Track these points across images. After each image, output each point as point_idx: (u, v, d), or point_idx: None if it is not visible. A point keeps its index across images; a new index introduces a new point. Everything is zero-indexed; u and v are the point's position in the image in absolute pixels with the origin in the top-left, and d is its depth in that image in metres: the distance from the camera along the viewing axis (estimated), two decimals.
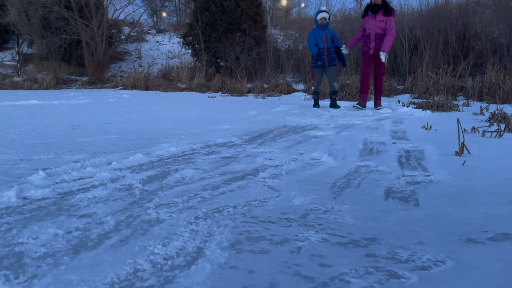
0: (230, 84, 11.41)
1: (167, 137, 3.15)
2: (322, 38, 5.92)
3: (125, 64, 18.08)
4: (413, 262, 1.03)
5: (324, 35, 5.90)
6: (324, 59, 5.94)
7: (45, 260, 1.04)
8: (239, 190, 1.70)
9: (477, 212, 1.39)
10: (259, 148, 2.71)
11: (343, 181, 1.84)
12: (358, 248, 1.12)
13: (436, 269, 0.99)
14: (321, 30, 5.93)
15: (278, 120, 4.42)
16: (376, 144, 2.86)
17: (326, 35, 5.91)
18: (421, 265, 1.02)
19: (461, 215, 1.37)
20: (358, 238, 1.19)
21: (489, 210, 1.41)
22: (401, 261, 1.03)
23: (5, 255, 1.07)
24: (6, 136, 3.10)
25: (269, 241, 1.17)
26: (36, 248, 1.11)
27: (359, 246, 1.13)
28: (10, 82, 13.62)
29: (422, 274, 0.97)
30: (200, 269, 0.99)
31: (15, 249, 1.10)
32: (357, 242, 1.16)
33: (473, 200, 1.53)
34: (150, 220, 1.33)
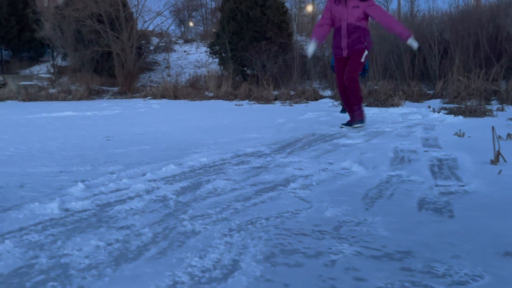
0: (256, 92, 11.48)
1: (197, 147, 3.21)
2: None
3: (154, 74, 18.50)
4: (450, 276, 1.02)
5: None
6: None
7: (89, 272, 1.09)
8: (271, 202, 1.72)
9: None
10: (288, 157, 2.73)
11: (375, 192, 1.83)
12: (392, 262, 1.12)
13: (474, 284, 0.98)
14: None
15: (306, 128, 4.43)
16: (407, 152, 2.82)
17: None
18: (458, 280, 1.01)
19: (498, 227, 1.35)
20: (393, 251, 1.18)
21: None
22: (438, 276, 1.03)
23: (51, 266, 1.12)
24: (45, 148, 3.24)
25: (303, 254, 1.18)
26: (80, 260, 1.16)
27: (393, 259, 1.13)
28: (45, 94, 14.17)
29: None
30: (237, 282, 1.02)
31: (60, 260, 1.16)
32: (392, 255, 1.16)
33: (510, 211, 1.50)
34: (186, 232, 1.37)
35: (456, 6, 12.06)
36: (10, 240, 1.29)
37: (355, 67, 4.08)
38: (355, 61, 4.08)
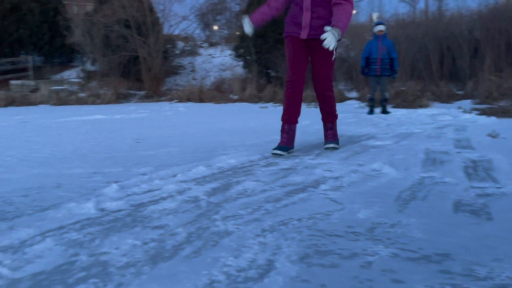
0: (281, 94, 11.45)
1: (225, 149, 3.24)
2: (377, 49, 6.18)
3: (179, 77, 18.74)
4: (492, 279, 1.00)
5: (380, 46, 6.15)
6: (376, 69, 6.18)
7: (127, 270, 1.11)
8: (302, 203, 1.72)
9: None
10: (317, 159, 2.72)
11: (407, 193, 1.80)
12: (431, 264, 1.10)
13: None
14: (377, 41, 6.21)
15: None
16: (439, 153, 2.76)
17: (381, 46, 6.14)
18: (500, 283, 0.98)
19: None
20: (430, 254, 1.16)
21: None
22: (479, 279, 1.00)
23: (91, 264, 1.15)
24: (78, 150, 3.33)
25: (338, 255, 1.17)
26: (118, 258, 1.19)
27: (431, 261, 1.11)
28: (75, 98, 14.57)
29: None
30: (273, 282, 1.02)
31: (99, 258, 1.19)
32: (429, 257, 1.14)
33: None
34: (219, 232, 1.39)
35: (486, 4, 11.73)
36: (51, 238, 1.34)
37: (329, 69, 2.92)
38: (327, 60, 2.86)
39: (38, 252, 1.24)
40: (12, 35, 17.12)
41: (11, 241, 1.33)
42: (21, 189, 2.02)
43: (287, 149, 2.99)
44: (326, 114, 3.17)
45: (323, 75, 2.94)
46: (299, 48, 2.89)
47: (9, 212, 1.65)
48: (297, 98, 3.02)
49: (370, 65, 6.24)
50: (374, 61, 6.21)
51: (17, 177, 2.31)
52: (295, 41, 2.89)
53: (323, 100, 3.08)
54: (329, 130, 3.20)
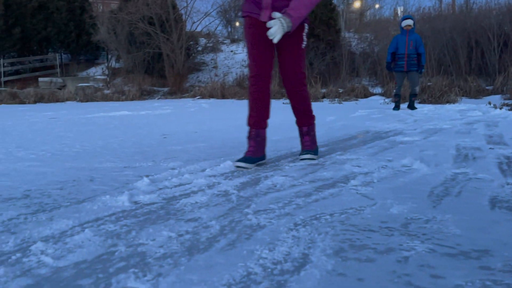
0: None
1: None
2: (404, 44, 6.02)
3: (202, 74, 18.88)
4: None
5: (407, 41, 5.96)
6: (403, 65, 6.03)
7: (165, 260, 1.13)
8: (332, 198, 1.71)
9: None
10: (345, 154, 2.70)
11: (440, 189, 1.77)
12: (470, 260, 1.08)
13: None
14: (405, 36, 6.05)
15: (359, 126, 4.35)
16: (471, 149, 2.70)
17: (409, 41, 5.97)
18: None
19: None
20: (468, 250, 1.14)
21: None
22: None
23: (130, 255, 1.18)
24: (107, 145, 3.41)
25: (373, 250, 1.17)
26: (155, 249, 1.21)
27: (470, 258, 1.09)
28: (101, 95, 14.87)
29: None
30: (310, 275, 1.02)
31: (137, 249, 1.22)
32: (468, 253, 1.12)
33: None
34: (252, 225, 1.40)
35: None
36: (89, 229, 1.38)
37: (299, 59, 2.38)
38: (295, 49, 2.35)
39: (78, 242, 1.28)
40: (40, 33, 17.57)
41: (52, 232, 1.37)
42: (57, 182, 2.08)
43: (254, 160, 2.38)
44: (300, 115, 2.57)
45: (292, 66, 2.37)
46: (262, 32, 2.26)
47: (47, 204, 1.70)
48: (264, 96, 2.43)
49: (397, 61, 6.10)
50: (401, 57, 6.07)
51: (52, 171, 2.38)
52: (255, 24, 2.31)
53: (294, 98, 2.49)
54: (306, 135, 2.58)
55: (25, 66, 17.53)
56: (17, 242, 1.28)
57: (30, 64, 17.74)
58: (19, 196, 1.83)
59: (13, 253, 1.19)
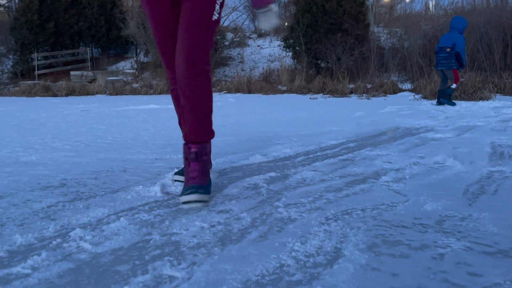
0: (331, 85, 11.29)
1: (278, 139, 3.25)
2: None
3: (228, 69, 18.95)
4: None
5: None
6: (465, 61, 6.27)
7: (199, 250, 1.15)
8: (364, 193, 1.70)
9: None
10: (375, 150, 2.66)
11: (476, 187, 1.73)
12: (509, 259, 1.05)
13: None
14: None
15: (388, 122, 4.28)
16: (507, 147, 2.62)
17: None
18: None
19: None
20: (507, 248, 1.11)
21: None
22: None
23: (164, 243, 1.21)
24: (138, 137, 3.48)
25: (407, 246, 1.15)
26: (189, 239, 1.24)
27: (509, 256, 1.07)
28: (130, 88, 15.15)
29: None
30: (343, 269, 1.02)
31: (171, 238, 1.25)
32: (507, 252, 1.09)
33: None
34: (283, 218, 1.40)
35: None
36: (124, 218, 1.41)
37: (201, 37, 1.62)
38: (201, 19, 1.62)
39: (115, 230, 1.31)
40: (72, 28, 18.02)
41: (89, 219, 1.42)
42: (91, 172, 2.15)
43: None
44: (189, 123, 1.67)
45: (190, 46, 1.58)
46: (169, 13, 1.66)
47: (83, 193, 1.76)
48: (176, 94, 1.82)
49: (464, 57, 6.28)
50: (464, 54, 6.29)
51: (87, 161, 2.45)
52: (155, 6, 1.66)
53: (185, 91, 1.62)
54: (193, 161, 1.66)
55: (57, 59, 18.03)
56: (57, 228, 1.33)
57: (63, 58, 18.24)
58: (57, 184, 1.90)
59: (54, 239, 1.24)
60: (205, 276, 1.00)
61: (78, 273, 1.02)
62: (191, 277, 0.99)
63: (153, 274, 1.01)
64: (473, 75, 8.81)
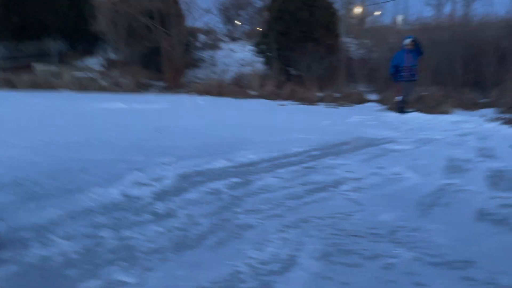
0: (300, 93, 11.42)
1: (245, 144, 3.25)
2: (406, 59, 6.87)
3: (199, 70, 18.82)
4: None
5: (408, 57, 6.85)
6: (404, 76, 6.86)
7: (153, 255, 1.14)
8: (323, 202, 1.73)
9: None
10: (337, 159, 2.71)
11: (429, 199, 1.79)
12: (454, 270, 1.10)
13: None
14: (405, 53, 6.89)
15: (353, 131, 4.37)
16: (462, 161, 2.73)
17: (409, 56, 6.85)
18: None
19: None
20: (453, 260, 1.16)
21: None
22: (502, 287, 1.00)
23: (118, 247, 1.19)
24: (101, 137, 3.39)
25: (359, 255, 1.18)
26: (144, 243, 1.22)
27: (455, 268, 1.11)
28: (97, 86, 14.78)
29: None
30: (296, 277, 1.04)
31: (126, 242, 1.23)
32: (453, 263, 1.14)
33: None
34: (242, 225, 1.41)
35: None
36: (79, 220, 1.38)
37: None
38: None
39: (68, 232, 1.28)
40: (39, 20, 17.43)
41: (42, 220, 1.37)
42: (49, 171, 2.08)
43: None
44: None
45: None
46: None
47: (38, 193, 1.70)
48: None
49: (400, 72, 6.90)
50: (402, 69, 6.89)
51: (45, 160, 2.37)
52: None
53: None
54: None
55: (22, 53, 17.38)
56: (6, 229, 1.28)
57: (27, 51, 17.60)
58: (11, 183, 1.83)
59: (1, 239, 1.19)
60: (157, 282, 0.99)
61: (25, 277, 0.99)
62: (143, 283, 0.98)
63: (104, 279, 0.99)
64: (435, 89, 9.15)
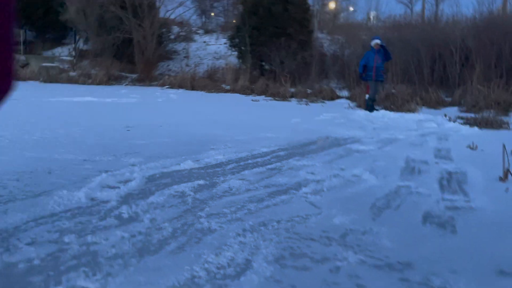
0: (273, 88, 11.52)
1: (214, 144, 3.31)
2: (373, 59, 7.23)
3: (172, 63, 18.64)
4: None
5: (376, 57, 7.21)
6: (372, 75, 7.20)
7: (116, 261, 1.20)
8: (283, 205, 1.82)
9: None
10: (302, 160, 2.82)
11: (383, 202, 1.91)
12: (393, 272, 1.21)
13: None
14: (374, 53, 7.24)
15: (321, 130, 4.49)
16: (419, 162, 2.88)
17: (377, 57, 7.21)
18: None
19: (498, 246, 1.42)
20: (394, 262, 1.27)
21: None
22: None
23: (82, 253, 1.24)
24: (69, 134, 3.38)
25: (310, 259, 1.28)
26: (107, 249, 1.28)
27: (394, 270, 1.22)
28: (66, 77, 14.42)
29: None
30: (249, 281, 1.12)
31: (89, 248, 1.28)
32: (393, 266, 1.25)
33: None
34: (203, 229, 1.48)
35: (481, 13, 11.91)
36: (44, 225, 1.42)
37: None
38: None
39: (32, 237, 1.32)
40: None
41: (6, 225, 1.40)
42: (13, 173, 2.09)
43: None
44: None
45: None
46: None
47: (2, 196, 1.72)
48: None
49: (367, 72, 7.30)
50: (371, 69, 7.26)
51: (10, 159, 2.36)
52: None
53: None
54: None
55: None
56: None
57: None
58: None
59: None
60: (118, 287, 1.05)
61: None
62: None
63: (66, 286, 1.04)
64: (403, 88, 9.44)
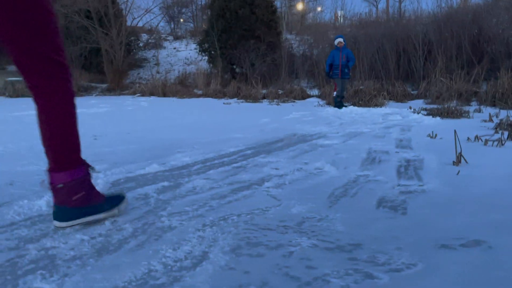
0: (245, 90, 11.62)
1: (181, 147, 3.35)
2: (339, 57, 7.57)
3: (143, 71, 18.51)
4: (389, 265, 1.18)
5: (341, 55, 7.56)
6: (338, 73, 7.57)
7: (74, 262, 1.22)
8: (244, 199, 1.87)
9: (457, 220, 1.53)
10: (267, 157, 2.88)
11: (340, 191, 1.99)
12: (342, 253, 1.27)
13: (407, 271, 1.14)
14: (338, 51, 7.60)
15: (288, 128, 4.58)
16: (380, 153, 2.99)
17: (342, 55, 7.57)
18: (395, 267, 1.17)
19: (442, 223, 1.51)
20: (344, 244, 1.34)
21: (468, 218, 1.55)
22: (378, 264, 1.19)
23: (40, 257, 1.26)
24: (33, 147, 3.35)
25: (265, 246, 1.33)
26: (66, 252, 1.30)
27: (344, 251, 1.29)
28: None
29: (394, 275, 1.12)
30: (204, 270, 1.16)
31: (48, 252, 1.30)
32: (343, 247, 1.32)
33: (456, 209, 1.67)
34: (163, 227, 1.52)
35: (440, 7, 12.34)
36: (2, 234, 1.42)
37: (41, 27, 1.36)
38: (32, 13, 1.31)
39: None
40: None
41: None
42: None
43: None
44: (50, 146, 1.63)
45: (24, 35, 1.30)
46: None
47: None
48: None
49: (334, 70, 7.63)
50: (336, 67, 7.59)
51: None
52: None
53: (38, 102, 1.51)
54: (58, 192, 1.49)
55: None
56: None
57: None
58: None
59: None
60: (74, 286, 1.08)
61: None
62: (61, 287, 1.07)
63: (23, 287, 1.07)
64: (370, 83, 9.67)
